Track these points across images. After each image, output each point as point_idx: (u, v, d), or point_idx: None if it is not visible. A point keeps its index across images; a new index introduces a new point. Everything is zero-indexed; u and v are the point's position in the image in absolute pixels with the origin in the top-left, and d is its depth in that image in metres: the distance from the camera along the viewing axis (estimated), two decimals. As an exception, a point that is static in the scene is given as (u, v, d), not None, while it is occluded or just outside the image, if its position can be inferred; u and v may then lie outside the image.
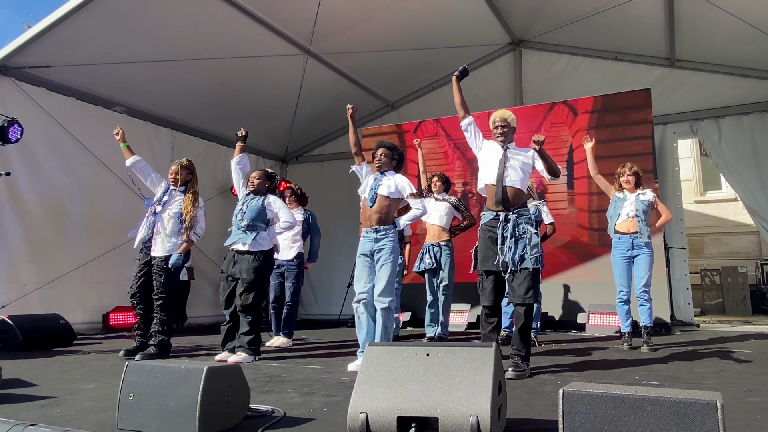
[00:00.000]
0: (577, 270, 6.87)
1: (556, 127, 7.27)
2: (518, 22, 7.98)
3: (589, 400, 1.66)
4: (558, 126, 7.28)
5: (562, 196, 7.14)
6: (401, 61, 7.97)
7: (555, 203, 7.03)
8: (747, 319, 8.66)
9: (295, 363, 4.15)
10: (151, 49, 6.26)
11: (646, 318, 4.79)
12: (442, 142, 7.95)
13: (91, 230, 6.62)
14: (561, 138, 7.23)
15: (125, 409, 2.25)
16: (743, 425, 2.19)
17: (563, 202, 7.12)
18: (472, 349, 2.04)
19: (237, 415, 2.30)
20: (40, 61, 5.92)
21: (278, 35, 6.80)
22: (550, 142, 7.19)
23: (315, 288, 9.33)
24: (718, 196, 12.36)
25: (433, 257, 5.37)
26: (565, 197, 7.12)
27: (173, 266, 4.36)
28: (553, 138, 7.17)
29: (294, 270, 5.33)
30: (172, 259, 4.38)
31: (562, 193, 7.14)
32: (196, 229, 4.49)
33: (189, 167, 4.63)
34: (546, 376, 3.42)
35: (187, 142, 7.97)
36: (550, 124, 7.31)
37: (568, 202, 7.10)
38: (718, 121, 7.29)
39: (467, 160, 7.60)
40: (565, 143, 7.21)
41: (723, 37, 6.76)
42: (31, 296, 5.94)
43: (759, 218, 7.04)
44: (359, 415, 1.93)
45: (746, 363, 3.92)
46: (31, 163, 6.10)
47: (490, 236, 3.60)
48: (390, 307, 3.73)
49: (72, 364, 4.12)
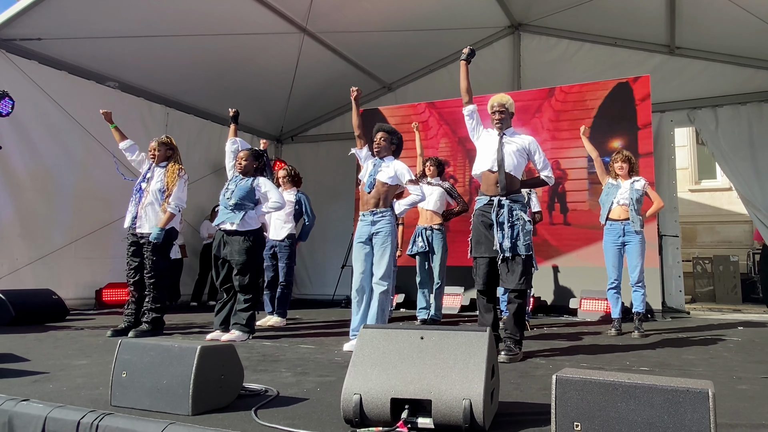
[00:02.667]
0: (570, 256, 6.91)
1: (555, 112, 7.23)
2: (518, 5, 7.88)
3: (582, 386, 1.66)
4: (556, 111, 7.24)
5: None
6: (399, 42, 7.87)
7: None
8: (737, 307, 8.76)
9: (289, 342, 4.16)
10: (145, 23, 6.14)
11: (639, 304, 4.83)
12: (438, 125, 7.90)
13: (84, 206, 6.57)
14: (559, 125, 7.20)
15: (118, 386, 2.25)
16: (732, 412, 2.22)
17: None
18: (467, 333, 2.04)
19: (230, 394, 2.31)
20: (32, 34, 5.79)
21: (274, 12, 6.68)
22: (548, 129, 7.18)
23: (309, 268, 9.34)
24: (712, 185, 12.40)
25: (425, 241, 5.40)
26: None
27: (155, 240, 4.33)
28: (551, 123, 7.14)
29: (286, 250, 5.32)
30: (153, 233, 4.34)
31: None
32: (173, 200, 4.41)
33: (168, 143, 4.59)
34: (537, 360, 3.45)
35: (181, 119, 7.88)
36: (547, 109, 7.27)
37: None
38: (716, 110, 7.27)
39: (458, 139, 7.55)
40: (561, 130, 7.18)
41: (723, 26, 6.71)
42: (23, 271, 5.91)
43: (752, 208, 7.07)
44: (353, 396, 1.93)
45: (735, 351, 3.98)
46: (22, 137, 6.01)
47: (483, 221, 3.61)
48: (388, 290, 3.76)
49: (64, 340, 4.11)
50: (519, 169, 3.69)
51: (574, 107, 7.12)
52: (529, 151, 3.70)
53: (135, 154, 4.69)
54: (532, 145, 3.71)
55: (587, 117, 6.93)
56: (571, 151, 7.05)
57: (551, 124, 7.22)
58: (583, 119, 6.80)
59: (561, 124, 7.18)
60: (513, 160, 3.63)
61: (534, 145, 3.72)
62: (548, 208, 6.99)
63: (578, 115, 7.02)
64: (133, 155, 4.69)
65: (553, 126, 7.21)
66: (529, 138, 3.75)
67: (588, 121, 6.69)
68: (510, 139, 3.69)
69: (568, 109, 7.17)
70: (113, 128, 4.72)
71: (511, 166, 3.62)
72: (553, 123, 7.21)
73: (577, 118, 6.99)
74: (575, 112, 7.07)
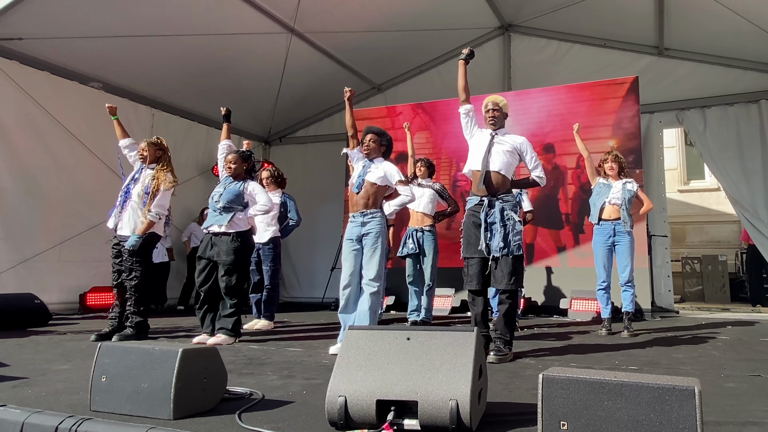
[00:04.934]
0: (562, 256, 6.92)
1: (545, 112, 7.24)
2: (507, 5, 7.89)
3: (568, 384, 1.65)
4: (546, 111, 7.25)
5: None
6: (388, 43, 7.85)
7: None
8: (725, 306, 8.81)
9: (276, 345, 4.11)
10: (129, 23, 6.05)
11: (628, 304, 4.83)
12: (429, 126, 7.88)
13: (68, 209, 6.46)
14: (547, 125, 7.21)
15: (98, 390, 2.20)
16: (719, 410, 2.21)
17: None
18: (453, 334, 2.02)
19: (214, 398, 2.26)
20: (12, 33, 5.69)
21: (261, 12, 6.62)
22: (538, 130, 7.18)
23: (298, 271, 9.27)
24: (701, 185, 12.50)
25: (416, 242, 5.37)
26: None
27: (131, 247, 4.25)
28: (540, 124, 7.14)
29: (270, 253, 5.25)
30: (129, 241, 4.27)
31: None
32: (154, 207, 4.32)
33: (158, 144, 4.54)
34: (527, 360, 3.43)
35: (167, 120, 7.80)
36: (539, 109, 7.27)
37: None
38: (704, 111, 7.32)
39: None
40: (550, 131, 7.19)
41: (711, 28, 6.76)
42: (5, 275, 5.80)
43: (740, 208, 7.12)
44: (338, 398, 1.90)
45: (724, 349, 3.98)
46: (3, 139, 5.91)
47: (473, 221, 3.60)
48: (378, 291, 3.72)
49: (46, 345, 4.04)
50: (510, 169, 3.68)
51: (563, 108, 7.13)
52: (521, 151, 3.69)
53: (135, 153, 4.61)
54: (524, 145, 3.71)
55: (576, 118, 6.94)
56: (562, 151, 7.07)
57: (541, 124, 7.23)
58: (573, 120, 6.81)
59: (551, 124, 7.18)
60: (503, 159, 3.62)
61: (525, 145, 3.71)
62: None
63: (568, 116, 7.04)
64: (132, 153, 4.62)
65: (543, 126, 7.22)
66: (520, 138, 3.75)
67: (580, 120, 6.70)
68: (501, 138, 3.69)
69: (558, 110, 7.17)
70: (115, 120, 4.65)
71: (502, 165, 3.62)
72: (543, 124, 7.21)
73: (567, 119, 7.01)
74: (565, 113, 7.08)
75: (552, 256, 6.96)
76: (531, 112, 7.26)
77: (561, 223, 7.00)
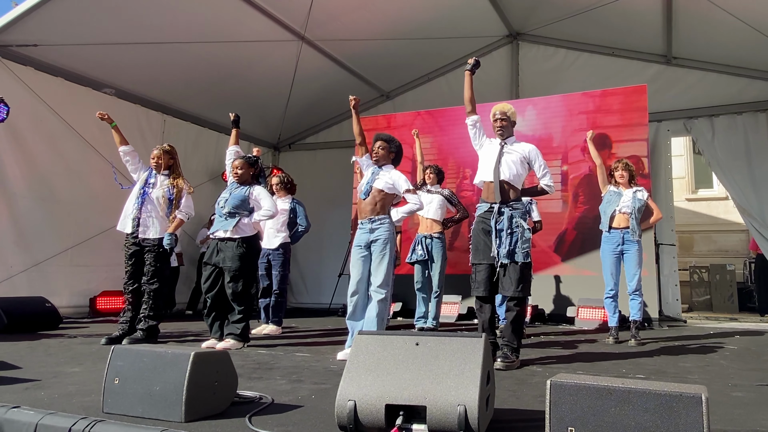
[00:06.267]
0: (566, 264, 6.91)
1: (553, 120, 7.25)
2: (516, 14, 7.93)
3: (576, 391, 1.66)
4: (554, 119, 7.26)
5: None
6: (397, 51, 7.90)
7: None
8: (733, 315, 8.75)
9: (284, 350, 4.14)
10: (141, 30, 6.15)
11: (636, 312, 4.83)
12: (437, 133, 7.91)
13: (80, 213, 6.54)
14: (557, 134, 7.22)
15: (110, 393, 2.23)
16: (726, 419, 2.21)
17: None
18: (462, 340, 2.03)
19: (224, 401, 2.29)
20: (28, 40, 5.80)
21: (273, 20, 6.70)
22: (547, 138, 7.19)
23: (305, 277, 9.30)
24: (709, 194, 12.44)
25: (425, 249, 5.38)
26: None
27: (167, 246, 4.36)
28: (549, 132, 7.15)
29: (279, 259, 5.29)
30: (165, 239, 4.36)
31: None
32: (183, 208, 4.50)
33: (171, 152, 4.61)
34: (534, 368, 3.44)
35: (178, 126, 7.88)
36: (547, 117, 7.29)
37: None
38: (712, 119, 7.30)
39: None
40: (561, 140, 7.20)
41: (720, 36, 6.76)
42: (18, 279, 5.87)
43: (749, 217, 7.08)
44: (347, 402, 1.92)
45: (731, 359, 3.96)
46: (17, 144, 6.00)
47: (483, 228, 3.62)
48: (386, 298, 3.73)
49: (57, 348, 4.08)
50: (519, 178, 3.71)
51: (571, 116, 7.15)
52: (530, 159, 3.71)
53: (135, 160, 4.62)
54: (533, 152, 3.73)
55: (584, 126, 6.95)
56: (570, 159, 7.07)
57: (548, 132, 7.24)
58: (581, 128, 6.84)
59: (559, 132, 7.19)
60: (513, 168, 3.65)
61: (534, 153, 3.73)
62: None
63: (576, 124, 7.05)
64: (133, 160, 4.62)
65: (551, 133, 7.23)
66: (529, 146, 3.77)
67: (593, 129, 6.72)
68: (510, 147, 3.72)
69: (566, 117, 7.19)
70: (113, 128, 4.64)
71: (511, 174, 3.64)
72: (551, 131, 7.23)
73: (575, 127, 7.03)
74: (573, 121, 7.10)
75: (558, 264, 6.95)
76: (539, 120, 7.28)
77: (568, 231, 6.99)
